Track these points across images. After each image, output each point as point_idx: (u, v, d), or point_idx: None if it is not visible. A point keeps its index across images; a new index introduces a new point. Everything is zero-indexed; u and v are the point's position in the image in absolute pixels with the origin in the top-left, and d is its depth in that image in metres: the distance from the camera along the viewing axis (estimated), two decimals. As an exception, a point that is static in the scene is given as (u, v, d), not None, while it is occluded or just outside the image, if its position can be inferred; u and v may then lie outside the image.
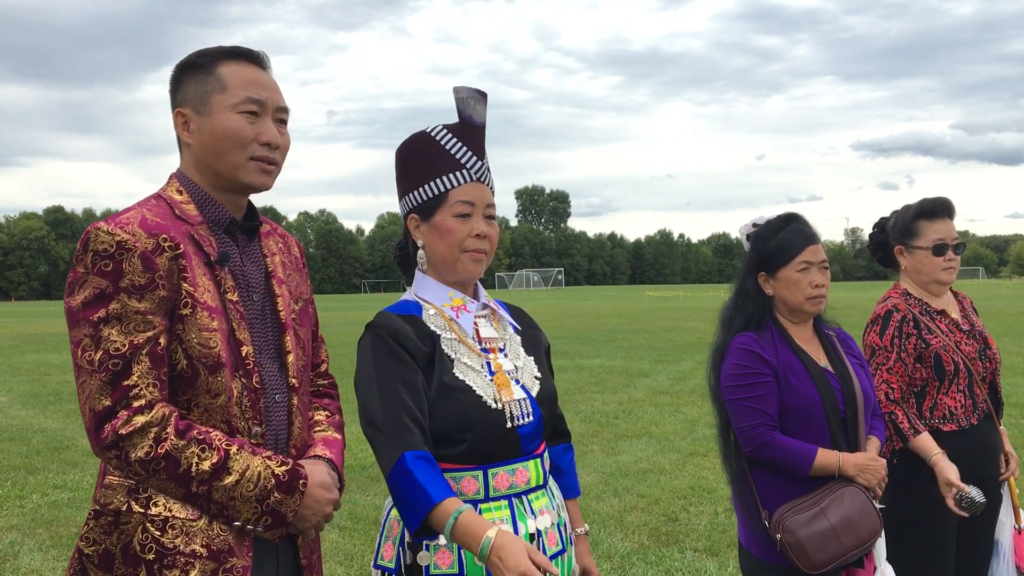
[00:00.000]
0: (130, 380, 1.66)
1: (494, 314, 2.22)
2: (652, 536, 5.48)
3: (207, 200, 1.88)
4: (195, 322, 1.74)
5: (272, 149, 1.89)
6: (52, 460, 7.97)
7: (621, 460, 7.54)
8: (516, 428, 2.04)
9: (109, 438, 1.65)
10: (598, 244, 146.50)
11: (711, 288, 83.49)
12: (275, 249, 2.03)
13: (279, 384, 1.91)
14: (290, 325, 1.96)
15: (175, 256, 1.74)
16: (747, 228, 2.84)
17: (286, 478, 1.77)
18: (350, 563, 5.10)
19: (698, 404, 10.25)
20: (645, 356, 16.12)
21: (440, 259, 2.11)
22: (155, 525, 1.69)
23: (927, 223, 3.18)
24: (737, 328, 2.72)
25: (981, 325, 3.27)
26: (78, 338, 1.69)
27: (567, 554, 2.15)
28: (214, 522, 1.73)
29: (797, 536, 2.48)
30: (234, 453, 1.72)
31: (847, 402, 2.64)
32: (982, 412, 3.10)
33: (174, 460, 1.67)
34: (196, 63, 1.88)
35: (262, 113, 1.88)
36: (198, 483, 1.69)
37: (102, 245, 1.69)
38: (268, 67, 1.95)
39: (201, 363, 1.75)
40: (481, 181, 2.12)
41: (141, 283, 1.69)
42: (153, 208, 1.80)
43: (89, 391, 1.67)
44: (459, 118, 2.15)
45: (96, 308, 1.67)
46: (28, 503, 6.53)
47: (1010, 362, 13.52)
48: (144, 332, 1.68)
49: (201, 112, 1.86)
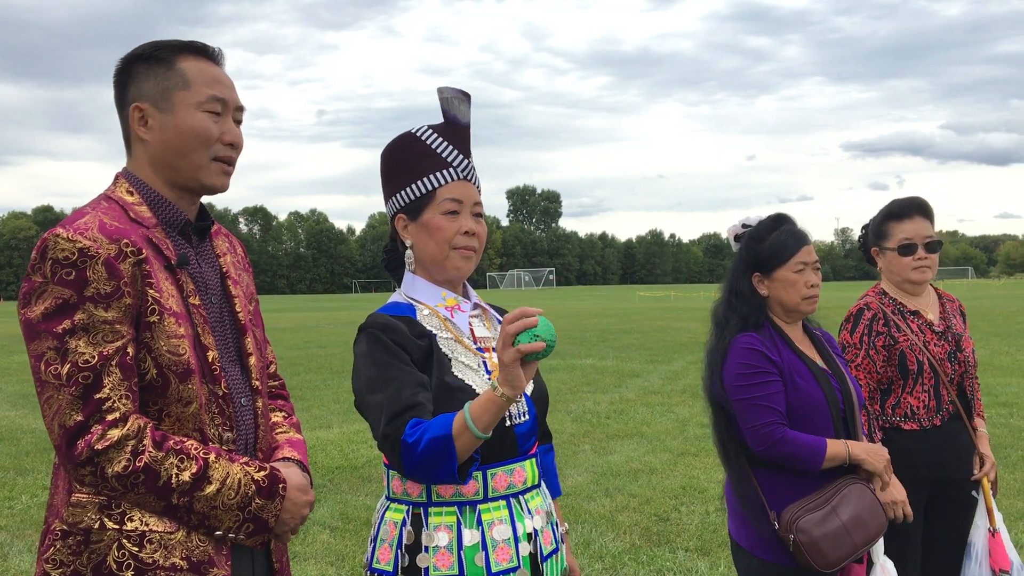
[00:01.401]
0: (102, 393, 1.59)
1: (485, 313, 2.22)
2: (643, 536, 5.49)
3: (160, 201, 1.80)
4: (163, 329, 1.68)
5: (233, 149, 1.84)
6: (41, 461, 7.93)
7: (612, 460, 7.55)
8: (513, 427, 2.05)
9: (84, 454, 1.58)
10: (589, 244, 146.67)
11: (702, 288, 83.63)
12: (224, 249, 1.97)
13: (243, 388, 1.86)
14: (248, 327, 1.91)
15: (138, 261, 1.67)
16: (736, 229, 2.85)
17: (266, 483, 1.74)
18: (341, 563, 5.09)
19: (689, 404, 10.27)
20: (636, 356, 16.14)
21: (430, 257, 2.11)
22: (132, 541, 1.63)
23: (895, 224, 3.21)
24: (734, 329, 2.71)
25: (961, 328, 3.27)
26: (40, 351, 1.61)
27: (559, 553, 2.16)
28: (192, 533, 1.68)
29: (812, 536, 2.48)
30: (213, 461, 1.68)
31: (845, 400, 2.67)
32: (947, 414, 3.11)
33: (154, 473, 1.61)
34: (153, 56, 1.79)
35: (224, 112, 1.82)
36: (179, 495, 1.64)
37: (63, 253, 1.61)
38: (224, 63, 1.88)
39: (171, 371, 1.68)
40: (468, 179, 2.13)
41: (107, 291, 1.62)
42: (107, 211, 1.72)
43: (58, 406, 1.59)
44: (444, 118, 2.16)
45: (60, 319, 1.59)
46: (18, 504, 6.49)
47: (999, 362, 13.59)
48: (113, 342, 1.61)
49: (162, 108, 1.77)
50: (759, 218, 2.81)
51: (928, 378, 3.09)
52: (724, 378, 2.68)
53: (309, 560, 5.13)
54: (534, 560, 2.05)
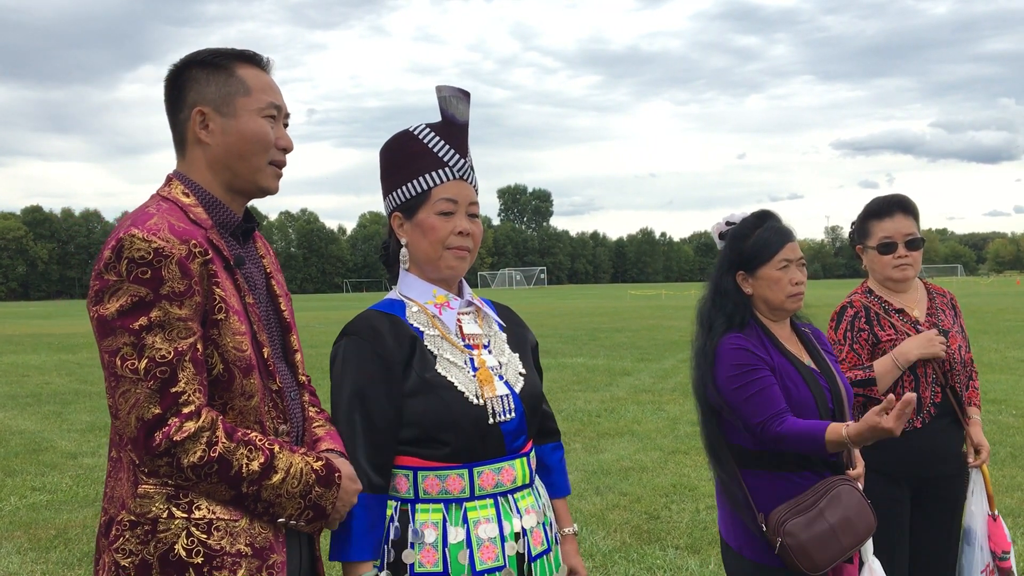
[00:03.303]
0: (177, 387, 1.66)
1: (479, 311, 2.22)
2: (634, 534, 5.49)
3: (214, 203, 1.87)
4: (229, 326, 1.76)
5: (285, 153, 1.93)
6: (30, 462, 7.90)
7: (603, 458, 7.55)
8: (498, 424, 2.05)
9: (162, 446, 1.64)
10: (580, 243, 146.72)
11: (693, 287, 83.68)
12: (264, 251, 2.05)
13: (291, 383, 1.97)
14: (293, 324, 2.02)
15: (205, 261, 1.74)
16: (720, 226, 2.83)
17: (324, 472, 1.82)
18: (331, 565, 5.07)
19: (680, 402, 10.28)
20: (627, 355, 16.15)
21: (423, 256, 2.12)
22: (200, 528, 1.70)
23: (876, 222, 3.22)
24: (720, 329, 2.68)
25: (949, 324, 3.24)
26: (115, 347, 1.66)
27: (552, 553, 2.15)
28: (254, 521, 1.75)
29: (799, 539, 2.46)
30: (278, 452, 1.76)
31: (834, 399, 2.65)
32: (928, 415, 3.10)
33: (227, 463, 1.68)
34: (212, 62, 1.86)
35: (278, 118, 1.91)
36: (248, 483, 1.71)
37: (139, 252, 1.66)
38: (272, 72, 1.96)
39: (236, 366, 1.77)
40: (464, 179, 2.13)
41: (180, 289, 1.68)
42: (170, 213, 1.78)
43: (135, 400, 1.65)
44: (442, 117, 2.15)
45: (136, 316, 1.65)
46: (6, 505, 6.47)
47: (988, 359, 13.65)
48: (186, 338, 1.68)
49: (224, 113, 1.84)
50: (744, 215, 2.79)
51: (908, 378, 3.08)
52: (717, 381, 2.63)
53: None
54: (522, 560, 2.05)
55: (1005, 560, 3.16)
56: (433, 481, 2.02)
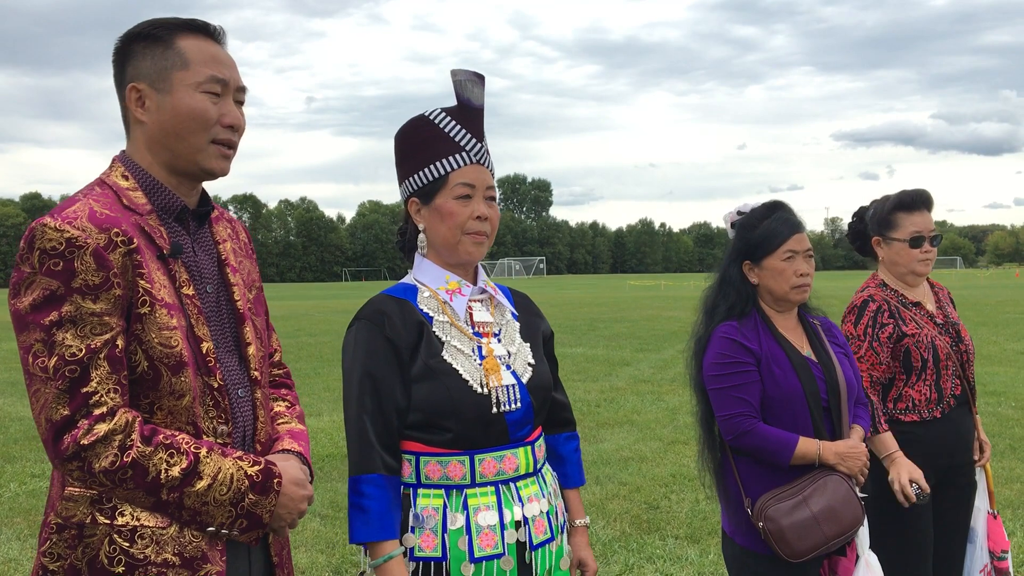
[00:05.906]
0: (89, 387, 1.56)
1: (492, 299, 2.21)
2: (634, 524, 5.50)
3: (156, 187, 1.75)
4: (154, 321, 1.64)
5: (234, 132, 1.78)
6: (30, 448, 7.90)
7: (603, 448, 7.56)
8: (503, 414, 2.04)
9: (70, 449, 1.55)
10: (580, 233, 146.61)
11: (692, 277, 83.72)
12: (225, 235, 1.92)
13: (240, 379, 1.82)
14: (247, 315, 1.87)
15: (129, 251, 1.62)
16: (732, 216, 2.83)
17: (260, 478, 1.70)
18: (331, 551, 5.09)
19: (679, 392, 10.29)
20: (627, 345, 16.16)
21: (441, 241, 2.11)
22: (123, 536, 1.60)
23: (905, 215, 3.20)
24: (720, 316, 2.71)
25: (956, 317, 3.29)
26: (28, 343, 1.57)
27: (556, 542, 2.14)
28: (185, 529, 1.65)
29: (779, 524, 2.49)
30: (204, 456, 1.64)
31: (830, 391, 2.64)
32: (948, 406, 3.11)
33: (142, 468, 1.58)
34: (151, 34, 1.73)
35: (224, 93, 1.76)
36: (168, 490, 1.60)
37: (50, 243, 1.56)
38: (225, 42, 1.82)
39: (163, 364, 1.65)
40: (481, 163, 2.12)
41: (95, 282, 1.57)
42: (100, 198, 1.67)
43: (44, 400, 1.56)
44: (457, 101, 2.14)
45: (47, 311, 1.56)
46: (6, 492, 6.47)
47: (987, 351, 13.66)
48: (101, 335, 1.57)
49: (160, 89, 1.72)
50: (755, 205, 2.79)
51: (931, 373, 3.08)
52: (703, 366, 2.69)
53: (299, 548, 5.13)
54: (523, 548, 2.05)
55: (1003, 560, 3.16)
56: (434, 466, 2.02)
